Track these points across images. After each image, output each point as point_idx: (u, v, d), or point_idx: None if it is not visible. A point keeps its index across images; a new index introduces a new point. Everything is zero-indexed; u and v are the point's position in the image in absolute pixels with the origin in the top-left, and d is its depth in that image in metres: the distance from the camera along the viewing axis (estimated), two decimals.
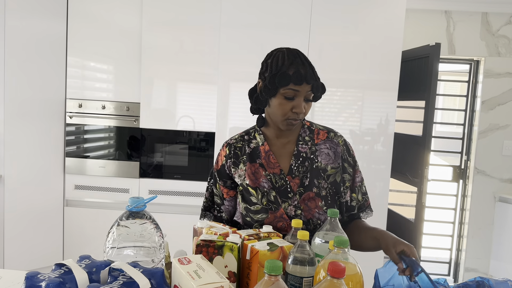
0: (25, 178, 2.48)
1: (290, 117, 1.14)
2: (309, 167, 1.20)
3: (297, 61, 1.12)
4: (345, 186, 1.22)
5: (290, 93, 1.11)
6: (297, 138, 1.24)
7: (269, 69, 1.15)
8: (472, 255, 3.18)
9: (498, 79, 3.07)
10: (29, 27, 2.42)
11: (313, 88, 1.12)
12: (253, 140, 1.26)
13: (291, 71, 1.10)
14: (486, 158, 3.11)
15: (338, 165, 1.22)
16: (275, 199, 1.17)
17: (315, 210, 1.16)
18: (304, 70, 1.10)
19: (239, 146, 1.26)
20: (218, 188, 1.29)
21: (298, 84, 1.09)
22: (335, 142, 1.24)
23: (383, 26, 2.40)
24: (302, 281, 0.84)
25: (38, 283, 0.70)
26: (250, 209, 1.19)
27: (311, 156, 1.21)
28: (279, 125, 1.18)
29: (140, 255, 0.81)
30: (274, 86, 1.12)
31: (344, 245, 0.79)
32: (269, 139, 1.25)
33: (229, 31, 2.43)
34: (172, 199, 2.62)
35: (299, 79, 1.09)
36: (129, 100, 2.61)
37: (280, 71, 1.11)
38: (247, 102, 1.28)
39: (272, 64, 1.15)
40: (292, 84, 1.10)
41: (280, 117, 1.15)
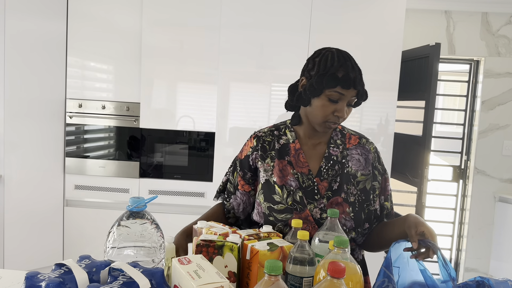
0: (25, 178, 2.48)
1: (330, 120, 1.11)
2: (339, 171, 1.17)
3: (347, 64, 1.08)
4: (375, 194, 1.19)
5: (335, 96, 1.08)
6: (329, 140, 1.22)
7: (317, 68, 1.11)
8: (472, 255, 3.18)
9: (498, 79, 3.07)
10: (29, 27, 2.42)
11: (358, 94, 1.10)
12: (283, 136, 1.23)
13: (340, 73, 1.07)
14: (486, 158, 3.11)
15: (368, 172, 1.19)
16: (301, 199, 1.14)
17: (341, 215, 1.13)
18: (354, 74, 1.07)
19: (268, 140, 1.23)
20: (235, 177, 1.27)
21: (346, 88, 1.06)
22: (366, 148, 1.22)
23: (383, 26, 2.40)
24: (302, 281, 0.84)
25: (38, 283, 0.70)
26: (273, 208, 1.15)
27: (342, 160, 1.19)
28: (316, 126, 1.15)
29: (140, 255, 0.81)
30: (321, 86, 1.08)
31: (344, 245, 0.79)
32: (300, 138, 1.22)
33: (229, 31, 2.43)
34: (172, 199, 2.62)
35: (347, 83, 1.06)
36: (129, 100, 2.61)
37: (329, 72, 1.08)
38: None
39: (320, 63, 1.11)
40: (339, 87, 1.06)
41: (320, 119, 1.12)
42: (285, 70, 2.44)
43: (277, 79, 2.45)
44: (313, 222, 1.13)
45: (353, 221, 1.13)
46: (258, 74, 2.45)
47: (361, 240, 1.20)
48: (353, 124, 2.48)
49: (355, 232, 1.14)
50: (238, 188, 1.26)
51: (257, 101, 2.47)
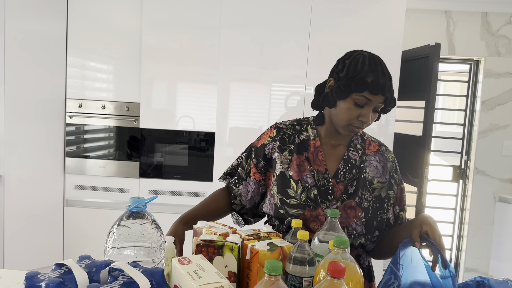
0: (25, 178, 2.48)
1: (354, 124, 1.09)
2: (356, 176, 1.16)
3: (378, 69, 1.06)
4: (390, 203, 1.18)
5: (362, 101, 1.06)
6: (349, 144, 1.20)
7: (346, 70, 1.08)
8: (472, 255, 3.18)
9: (498, 79, 3.07)
10: (29, 27, 2.42)
11: (385, 101, 1.07)
12: (304, 132, 1.21)
13: (369, 78, 1.04)
14: (486, 158, 3.11)
15: (385, 180, 1.18)
16: (315, 197, 1.13)
17: (353, 219, 1.12)
18: (384, 80, 1.05)
19: (288, 133, 1.21)
20: (249, 164, 1.25)
21: (374, 93, 1.04)
22: (385, 157, 1.21)
23: (383, 26, 2.40)
24: (302, 281, 0.84)
25: (38, 283, 0.70)
26: (286, 201, 1.14)
27: (361, 165, 1.17)
28: (339, 128, 1.13)
29: (140, 255, 0.81)
30: (348, 89, 1.06)
31: (344, 245, 0.79)
32: (321, 137, 1.21)
33: (229, 31, 2.43)
34: (172, 199, 2.62)
35: (376, 88, 1.04)
36: (129, 100, 2.61)
37: (358, 75, 1.05)
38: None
39: (350, 66, 1.08)
40: (367, 92, 1.04)
41: (344, 122, 1.10)
42: (285, 70, 2.44)
43: (277, 79, 2.45)
44: (323, 222, 1.11)
45: (364, 227, 1.12)
46: (258, 74, 2.45)
47: (371, 247, 1.19)
48: None
49: (364, 238, 1.13)
50: (250, 176, 1.24)
51: (257, 101, 2.47)
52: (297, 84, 2.44)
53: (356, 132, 1.14)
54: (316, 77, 2.43)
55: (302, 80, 2.43)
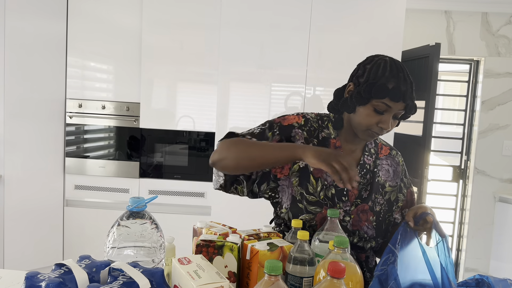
0: (25, 178, 2.48)
1: (373, 130, 1.07)
2: (370, 180, 1.16)
3: (399, 75, 1.02)
4: (397, 205, 1.19)
5: (382, 107, 1.03)
6: (364, 148, 1.18)
7: (367, 75, 1.05)
8: (472, 255, 3.18)
9: (498, 79, 3.07)
10: (29, 27, 2.42)
11: (406, 108, 1.04)
12: (325, 130, 1.16)
13: (390, 84, 1.01)
14: (486, 158, 3.11)
15: (396, 184, 1.19)
16: (332, 196, 1.11)
17: (364, 223, 1.12)
18: (405, 87, 1.02)
19: (314, 127, 1.16)
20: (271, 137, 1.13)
21: (395, 100, 1.01)
22: (396, 161, 1.22)
23: (383, 26, 2.40)
24: (302, 281, 0.84)
25: (38, 283, 0.70)
26: (305, 197, 1.11)
27: (374, 169, 1.17)
28: (358, 133, 1.11)
29: (140, 255, 0.81)
30: (368, 95, 1.03)
31: (344, 245, 0.79)
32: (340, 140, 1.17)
33: (229, 31, 2.43)
34: (172, 199, 2.62)
35: (397, 95, 1.01)
36: (129, 100, 2.61)
37: (379, 81, 1.02)
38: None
39: (371, 71, 1.05)
40: (388, 98, 1.01)
41: (363, 127, 1.08)
42: (285, 70, 2.44)
43: (277, 79, 2.45)
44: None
45: (375, 230, 1.12)
46: (258, 74, 2.45)
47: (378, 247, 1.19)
48: None
49: (375, 241, 1.13)
50: None
51: (257, 101, 2.47)
52: (297, 84, 2.44)
53: (375, 138, 1.11)
54: (316, 77, 2.43)
55: (302, 80, 2.43)
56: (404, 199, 1.21)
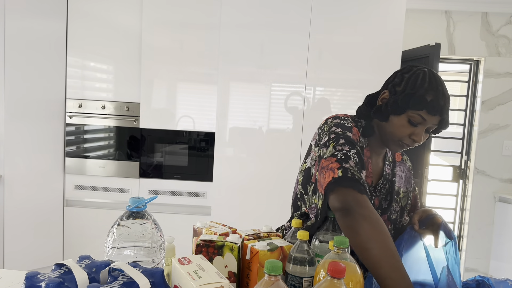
0: (25, 178, 2.48)
1: (405, 141, 1.03)
2: (389, 189, 1.13)
3: (439, 88, 0.99)
4: (406, 209, 1.19)
5: (417, 119, 1.00)
6: (384, 157, 1.15)
7: (404, 85, 1.02)
8: (472, 255, 3.18)
9: (498, 79, 3.07)
10: (29, 27, 2.42)
11: (440, 123, 1.01)
12: (360, 138, 1.09)
13: (429, 97, 0.98)
14: (486, 158, 3.11)
15: (407, 190, 1.18)
16: None
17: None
18: (443, 101, 0.99)
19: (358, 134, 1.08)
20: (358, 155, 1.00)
21: (431, 114, 0.98)
22: (407, 166, 1.21)
23: (383, 26, 2.40)
24: (302, 281, 0.84)
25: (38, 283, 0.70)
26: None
27: (392, 178, 1.15)
28: (389, 143, 1.07)
29: (140, 255, 0.81)
30: (406, 106, 0.99)
31: (344, 245, 0.79)
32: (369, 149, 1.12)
33: (229, 31, 2.43)
34: (172, 199, 2.62)
35: (435, 109, 0.97)
36: (129, 100, 2.61)
37: (418, 92, 0.99)
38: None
39: (409, 81, 1.02)
40: (425, 111, 0.98)
41: (394, 137, 1.04)
42: (285, 70, 2.44)
43: (277, 79, 2.45)
44: None
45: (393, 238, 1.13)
46: (258, 74, 2.45)
47: None
48: None
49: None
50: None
51: (257, 101, 2.47)
52: (297, 84, 2.44)
53: (405, 149, 1.07)
54: (316, 77, 2.43)
55: (302, 80, 2.43)
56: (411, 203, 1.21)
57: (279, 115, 2.47)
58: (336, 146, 0.99)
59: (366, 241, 0.84)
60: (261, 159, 2.47)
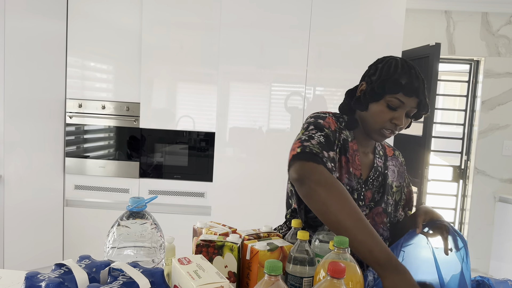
0: (25, 178, 2.48)
1: (387, 127, 1.06)
2: (382, 182, 1.16)
3: (411, 72, 1.04)
4: (401, 204, 1.21)
5: (395, 103, 1.03)
6: (374, 150, 1.18)
7: (379, 73, 1.07)
8: (472, 255, 3.18)
9: (498, 79, 3.07)
10: (29, 27, 2.42)
11: (419, 105, 1.05)
12: (343, 131, 1.13)
13: (403, 80, 1.02)
14: (486, 158, 3.11)
15: (400, 184, 1.21)
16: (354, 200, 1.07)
17: (380, 225, 1.12)
18: (417, 83, 1.03)
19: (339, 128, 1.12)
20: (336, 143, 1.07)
21: (408, 95, 1.02)
22: (399, 161, 1.24)
23: (383, 26, 2.40)
24: (302, 281, 0.84)
25: (38, 283, 0.70)
26: None
27: (385, 171, 1.18)
28: (371, 132, 1.09)
29: (140, 255, 0.81)
30: (382, 91, 1.04)
31: (344, 245, 0.79)
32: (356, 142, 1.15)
33: (229, 31, 2.43)
34: (172, 199, 2.62)
35: (410, 90, 1.02)
36: (129, 100, 2.61)
37: (392, 77, 1.03)
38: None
39: (383, 69, 1.07)
40: (401, 93, 1.02)
41: (376, 125, 1.07)
42: (285, 70, 2.44)
43: (277, 79, 2.45)
44: None
45: (389, 231, 1.14)
46: (258, 74, 2.45)
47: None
48: None
49: (389, 242, 1.14)
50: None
51: (257, 101, 2.47)
52: (297, 84, 2.44)
53: (388, 137, 1.09)
54: (316, 77, 2.43)
55: (302, 80, 2.43)
56: (405, 198, 1.23)
57: (279, 115, 2.47)
58: (304, 132, 1.05)
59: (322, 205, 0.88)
60: (261, 159, 2.47)
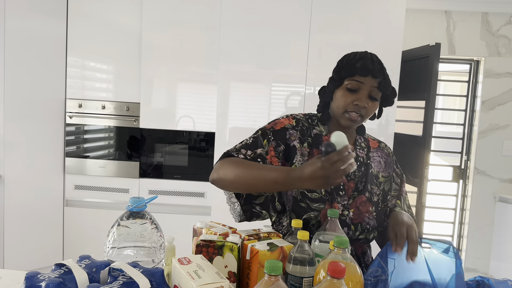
0: (25, 178, 2.48)
1: (350, 110, 1.11)
2: (365, 172, 1.19)
3: (367, 56, 1.11)
4: (392, 195, 1.23)
5: (354, 85, 1.10)
6: (355, 142, 1.23)
7: (338, 64, 1.16)
8: (472, 255, 3.18)
9: (498, 79, 3.07)
10: (29, 27, 2.42)
11: (380, 85, 1.10)
12: (316, 127, 1.21)
13: (358, 63, 1.10)
14: (486, 158, 3.11)
15: (388, 174, 1.23)
16: (331, 191, 1.14)
17: (365, 214, 1.15)
18: (372, 65, 1.09)
19: (306, 126, 1.20)
20: (266, 144, 1.14)
21: (363, 75, 1.08)
22: (385, 152, 1.27)
23: (383, 26, 2.40)
24: (302, 281, 0.84)
25: (38, 283, 0.70)
26: (307, 195, 1.12)
27: (368, 161, 1.21)
28: (339, 119, 1.15)
29: (140, 255, 0.81)
30: (340, 76, 1.12)
31: (344, 245, 0.79)
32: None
33: (229, 31, 2.43)
34: (172, 199, 2.62)
35: (365, 70, 1.08)
36: (129, 100, 2.61)
37: (348, 63, 1.12)
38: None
39: (342, 60, 1.16)
40: (357, 75, 1.09)
41: (341, 109, 1.13)
42: (285, 70, 2.44)
43: (277, 79, 2.45)
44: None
45: (376, 220, 1.16)
46: (258, 74, 2.45)
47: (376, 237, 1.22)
48: None
49: (377, 231, 1.16)
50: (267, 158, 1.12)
51: (257, 101, 2.47)
52: (297, 84, 2.44)
53: (355, 120, 1.12)
54: (316, 77, 2.43)
55: (302, 80, 2.43)
56: (398, 188, 1.25)
57: (279, 115, 2.47)
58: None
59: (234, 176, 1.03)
60: None
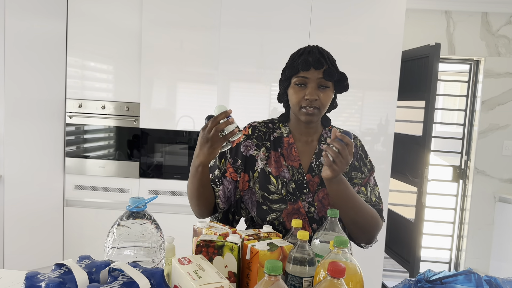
0: (25, 178, 2.48)
1: (303, 105, 1.16)
2: None
3: (306, 50, 1.17)
4: (355, 182, 1.23)
5: (300, 81, 1.15)
6: (319, 137, 1.27)
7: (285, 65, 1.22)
8: (472, 255, 3.18)
9: (498, 79, 3.07)
10: (29, 27, 2.42)
11: (324, 75, 1.14)
12: (277, 130, 1.28)
13: (299, 60, 1.16)
14: (486, 158, 3.11)
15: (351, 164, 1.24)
16: (293, 191, 1.19)
17: (328, 207, 1.18)
18: (312, 57, 1.14)
19: (264, 131, 1.28)
20: (222, 164, 1.24)
21: (305, 70, 1.13)
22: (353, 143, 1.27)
23: (383, 26, 2.40)
24: (302, 281, 0.84)
25: (38, 283, 0.70)
26: (268, 197, 1.19)
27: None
28: (298, 116, 1.20)
29: (140, 255, 0.81)
30: (286, 76, 1.19)
31: (344, 245, 0.79)
32: (294, 135, 1.27)
33: (229, 31, 2.43)
34: (172, 199, 2.62)
35: (305, 65, 1.13)
36: (129, 100, 2.61)
37: (291, 63, 1.18)
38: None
39: (288, 61, 1.22)
40: (300, 71, 1.14)
41: (296, 106, 1.18)
42: None
43: (277, 79, 2.44)
44: (304, 214, 1.18)
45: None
46: (258, 74, 2.45)
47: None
48: (353, 124, 2.48)
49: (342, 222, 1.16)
50: (226, 176, 1.23)
51: (257, 101, 2.47)
52: None
53: (312, 113, 1.17)
54: None
55: None
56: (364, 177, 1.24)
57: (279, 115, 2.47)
58: None
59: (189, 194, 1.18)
60: None
